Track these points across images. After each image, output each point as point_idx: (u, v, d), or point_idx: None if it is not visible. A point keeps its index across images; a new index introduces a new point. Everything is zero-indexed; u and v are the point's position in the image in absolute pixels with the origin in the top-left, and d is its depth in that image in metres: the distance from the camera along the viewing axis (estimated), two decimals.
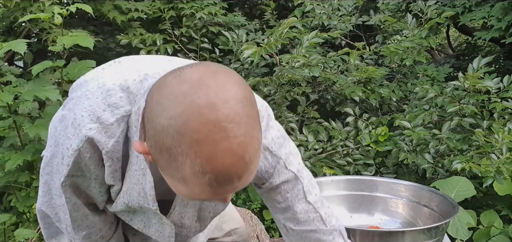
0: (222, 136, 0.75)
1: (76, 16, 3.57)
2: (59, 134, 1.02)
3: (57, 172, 1.05)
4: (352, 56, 2.90)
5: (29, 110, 2.57)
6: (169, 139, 0.76)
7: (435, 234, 1.31)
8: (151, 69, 0.97)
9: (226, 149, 0.75)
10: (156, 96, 0.79)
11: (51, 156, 1.06)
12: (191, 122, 0.74)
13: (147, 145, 0.83)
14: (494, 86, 2.49)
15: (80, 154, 0.95)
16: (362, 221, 1.63)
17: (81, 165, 0.98)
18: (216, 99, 0.75)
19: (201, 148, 0.75)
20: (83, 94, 0.98)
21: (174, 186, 0.84)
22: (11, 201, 2.67)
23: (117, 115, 0.94)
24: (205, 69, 0.79)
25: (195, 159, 0.75)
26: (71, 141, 0.95)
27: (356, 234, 1.29)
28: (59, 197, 1.08)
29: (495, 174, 2.16)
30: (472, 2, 3.61)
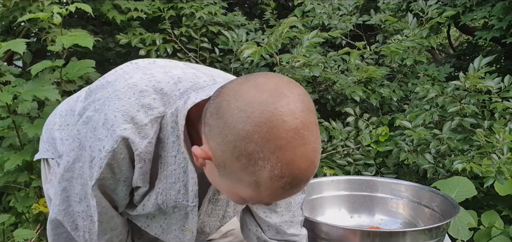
0: (301, 142, 0.81)
1: (75, 15, 3.56)
2: (85, 136, 1.00)
3: (80, 177, 1.03)
4: (353, 56, 2.89)
5: (28, 110, 2.56)
6: (253, 145, 0.80)
7: (436, 235, 1.30)
8: (181, 73, 1.01)
9: (302, 155, 0.81)
10: (235, 103, 0.82)
11: (74, 161, 1.03)
12: (276, 129, 0.79)
13: (212, 149, 0.86)
14: (495, 86, 2.48)
15: (114, 155, 0.95)
16: (362, 221, 1.62)
17: (114, 167, 0.98)
18: (294, 108, 0.81)
19: (283, 153, 0.80)
20: (112, 94, 0.98)
21: (234, 189, 0.88)
22: (10, 201, 2.66)
23: (151, 116, 0.95)
24: (277, 80, 0.85)
25: (276, 164, 0.80)
26: (103, 142, 0.95)
27: (356, 234, 1.29)
28: (78, 203, 1.07)
29: (496, 174, 2.15)
30: (473, 2, 3.61)
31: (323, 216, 1.60)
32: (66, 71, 2.58)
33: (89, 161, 1.00)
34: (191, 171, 1.00)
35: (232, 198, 0.93)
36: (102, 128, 0.96)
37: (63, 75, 2.59)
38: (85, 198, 1.06)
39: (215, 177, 0.90)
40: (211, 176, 0.93)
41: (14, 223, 2.62)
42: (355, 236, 1.28)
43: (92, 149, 0.98)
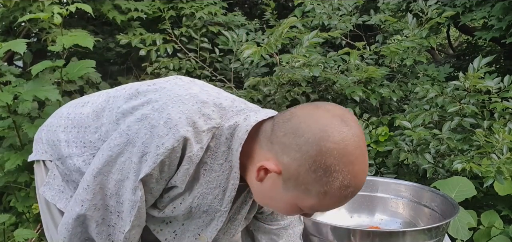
0: (364, 159, 0.99)
1: (75, 16, 3.57)
2: (137, 133, 1.03)
3: (118, 172, 1.07)
4: (352, 56, 2.90)
5: (28, 110, 2.56)
6: (332, 159, 0.96)
7: (436, 234, 1.30)
8: (230, 95, 1.14)
9: (364, 169, 1.00)
10: (314, 125, 0.98)
11: (117, 155, 1.06)
12: (350, 147, 0.96)
13: (284, 164, 1.00)
14: (494, 86, 2.48)
15: (172, 153, 1.01)
16: (362, 221, 1.63)
17: (165, 165, 1.03)
18: (358, 132, 0.99)
19: (353, 167, 0.97)
20: (175, 98, 1.04)
21: (296, 200, 1.02)
22: (10, 201, 2.67)
23: (209, 125, 1.05)
24: (338, 107, 1.02)
25: (347, 175, 0.97)
26: (163, 139, 1.00)
27: (356, 234, 1.29)
28: (109, 198, 1.09)
29: (495, 174, 2.16)
30: (473, 2, 3.61)
31: (323, 216, 1.61)
32: (66, 72, 2.58)
33: (139, 156, 1.03)
34: (233, 178, 1.09)
35: (285, 208, 1.06)
36: (163, 126, 1.01)
37: (63, 75, 2.59)
38: (116, 194, 1.09)
39: (277, 190, 1.02)
40: (271, 190, 1.04)
41: (15, 223, 2.62)
42: (355, 236, 1.28)
43: (146, 145, 1.02)
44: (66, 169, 1.20)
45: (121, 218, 1.10)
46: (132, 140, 1.04)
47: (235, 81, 3.37)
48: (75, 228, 1.13)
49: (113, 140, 1.07)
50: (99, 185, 1.08)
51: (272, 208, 1.11)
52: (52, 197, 1.22)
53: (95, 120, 1.18)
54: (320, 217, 1.59)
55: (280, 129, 1.01)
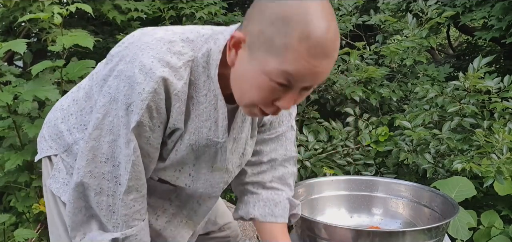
0: (326, 14, 0.95)
1: (75, 16, 3.57)
2: (117, 88, 1.05)
3: (109, 133, 1.08)
4: (352, 56, 2.90)
5: (28, 110, 2.56)
6: (290, 9, 0.94)
7: (436, 234, 1.30)
8: (194, 27, 1.13)
9: (330, 26, 0.95)
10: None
11: (103, 116, 1.08)
12: (310, 2, 0.94)
13: (249, 32, 0.99)
14: (494, 86, 2.48)
15: (154, 97, 1.03)
16: (362, 221, 1.63)
17: (153, 110, 1.04)
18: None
19: (312, 18, 0.93)
20: (144, 46, 1.05)
21: (261, 67, 0.98)
22: (10, 201, 2.67)
23: (183, 60, 1.06)
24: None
25: (306, 26, 0.93)
26: (142, 85, 1.02)
27: (356, 234, 1.29)
28: (104, 164, 1.10)
29: (495, 174, 2.16)
30: (473, 2, 3.61)
31: (323, 216, 1.61)
32: (66, 72, 2.58)
33: (124, 109, 1.05)
34: (220, 107, 1.11)
35: (258, 87, 1.00)
36: (139, 73, 1.02)
37: (63, 75, 2.59)
38: (111, 157, 1.10)
39: (245, 64, 1.01)
40: (241, 67, 1.02)
41: (15, 223, 2.62)
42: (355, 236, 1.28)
43: (128, 96, 1.04)
44: (73, 159, 1.22)
45: (119, 183, 1.11)
46: (114, 97, 1.06)
47: None
48: (76, 201, 1.14)
49: (97, 103, 1.09)
50: (91, 151, 1.10)
51: (248, 97, 1.03)
52: (57, 190, 1.24)
53: (87, 100, 1.20)
54: (320, 217, 1.59)
55: (245, 17, 1.03)
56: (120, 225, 1.13)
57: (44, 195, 1.33)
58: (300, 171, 2.65)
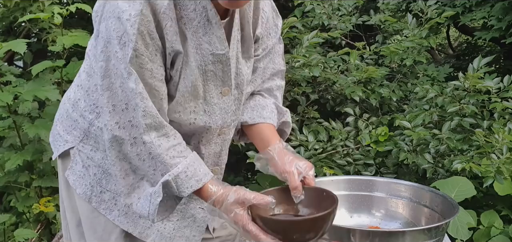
0: None
1: (75, 16, 3.56)
2: (106, 28, 1.04)
3: (118, 77, 1.04)
4: (352, 56, 2.90)
5: (29, 110, 2.57)
6: None
7: (435, 234, 1.30)
8: None
9: None
10: None
11: (106, 61, 1.05)
12: None
13: None
14: (494, 86, 2.49)
15: (143, 18, 1.01)
16: (362, 221, 1.63)
17: (145, 35, 1.02)
18: None
19: None
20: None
21: None
22: (10, 201, 2.67)
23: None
24: None
25: None
26: (128, 11, 1.00)
27: (356, 234, 1.29)
28: (126, 110, 1.06)
29: (495, 174, 2.16)
30: (472, 2, 3.61)
31: None
32: (66, 72, 2.59)
33: (118, 43, 1.02)
34: (212, 16, 1.08)
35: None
36: (121, 2, 1.01)
37: (63, 75, 2.59)
38: (123, 102, 1.06)
39: None
40: None
41: (15, 223, 2.63)
42: (355, 236, 1.29)
43: (118, 29, 1.02)
44: (89, 149, 1.21)
45: (133, 125, 1.08)
46: (107, 39, 1.04)
47: None
48: (118, 162, 1.10)
49: (96, 52, 1.08)
50: (109, 101, 1.07)
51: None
52: (73, 182, 1.24)
53: (90, 79, 1.20)
54: None
55: None
56: (161, 167, 1.08)
57: (60, 193, 1.34)
58: None
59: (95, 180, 1.22)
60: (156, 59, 1.06)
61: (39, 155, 2.50)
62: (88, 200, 1.23)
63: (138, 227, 1.22)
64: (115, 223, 1.22)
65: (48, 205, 2.47)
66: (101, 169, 1.22)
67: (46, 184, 2.55)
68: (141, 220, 1.22)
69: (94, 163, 1.22)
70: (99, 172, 1.22)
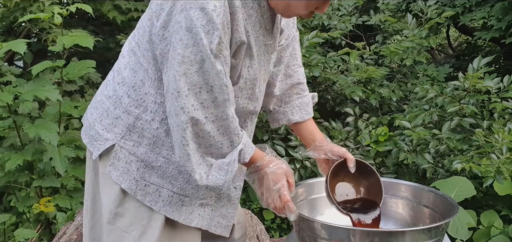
0: None
1: (76, 16, 3.57)
2: (187, 18, 1.10)
3: (194, 63, 1.12)
4: (352, 56, 2.90)
5: (29, 110, 2.57)
6: None
7: (435, 234, 1.31)
8: None
9: None
10: None
11: (184, 49, 1.11)
12: None
13: None
14: (494, 86, 2.49)
15: (225, 9, 1.11)
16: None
17: (225, 24, 1.12)
18: None
19: None
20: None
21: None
22: (11, 201, 2.67)
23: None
24: None
25: None
26: (213, 2, 1.09)
27: (356, 234, 1.29)
28: (199, 93, 1.14)
29: (495, 174, 2.16)
30: (472, 2, 3.61)
31: (323, 216, 1.61)
32: (66, 72, 2.59)
33: (203, 31, 1.10)
34: (264, 12, 1.23)
35: (302, 6, 1.18)
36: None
37: (63, 75, 2.59)
38: (205, 84, 1.14)
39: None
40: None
41: (15, 223, 2.63)
42: (355, 236, 1.29)
43: (201, 18, 1.10)
44: (131, 144, 1.25)
45: (218, 104, 1.16)
46: (188, 27, 1.11)
47: None
48: (190, 143, 1.16)
49: (170, 42, 1.14)
50: (186, 85, 1.13)
51: (293, 11, 1.22)
52: (117, 177, 1.27)
53: (136, 75, 1.26)
54: (320, 217, 1.59)
55: None
56: (235, 139, 1.20)
57: (90, 190, 1.36)
58: (300, 171, 2.65)
59: (139, 174, 1.27)
60: (228, 48, 1.16)
61: (39, 155, 2.50)
62: (134, 193, 1.27)
63: (183, 214, 1.30)
64: (160, 213, 1.28)
65: (48, 205, 2.47)
66: (144, 163, 1.27)
67: (46, 184, 2.55)
68: (184, 207, 1.29)
69: (136, 158, 1.26)
70: (142, 166, 1.27)
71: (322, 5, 1.20)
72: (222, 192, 1.33)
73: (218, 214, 1.36)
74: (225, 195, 1.36)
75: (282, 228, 3.01)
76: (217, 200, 1.36)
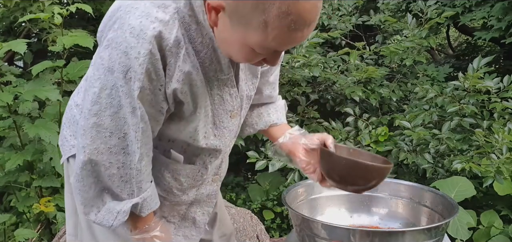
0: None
1: (76, 16, 3.57)
2: (110, 58, 1.02)
3: (109, 107, 1.05)
4: (352, 56, 2.90)
5: (29, 110, 2.57)
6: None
7: (435, 234, 1.31)
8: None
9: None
10: None
11: (100, 90, 1.04)
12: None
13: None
14: (494, 86, 2.49)
15: (152, 57, 1.01)
16: (362, 221, 1.63)
17: (151, 71, 1.02)
18: None
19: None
20: (128, 8, 1.03)
21: (245, 38, 0.98)
22: (11, 201, 2.67)
23: (169, 13, 1.03)
24: None
25: (283, 1, 0.91)
26: (137, 48, 1.00)
27: (356, 234, 1.29)
28: (109, 138, 1.07)
29: (495, 174, 2.16)
30: (472, 2, 3.61)
31: (323, 215, 1.61)
32: (66, 72, 2.59)
33: (122, 78, 1.02)
34: (217, 47, 1.09)
35: (244, 53, 1.03)
36: (130, 37, 1.00)
37: (63, 75, 2.59)
38: (116, 130, 1.07)
39: (227, 31, 1.00)
40: (224, 32, 1.02)
41: (15, 223, 2.63)
42: (355, 235, 1.29)
43: (124, 63, 1.01)
44: None
45: (128, 153, 1.09)
46: (109, 67, 1.03)
47: None
48: (86, 178, 1.11)
49: (91, 77, 1.07)
50: (94, 127, 1.07)
51: (233, 56, 1.08)
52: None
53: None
54: (320, 217, 1.59)
55: None
56: (136, 191, 1.12)
57: (65, 195, 1.33)
58: (300, 171, 2.65)
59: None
60: (158, 93, 1.07)
61: (39, 155, 2.50)
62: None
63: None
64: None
65: (48, 205, 2.47)
66: None
67: (46, 184, 2.55)
68: None
69: None
70: None
71: (270, 58, 1.06)
72: (187, 214, 1.32)
73: (181, 233, 1.33)
74: (190, 217, 1.34)
75: (282, 228, 3.01)
76: (181, 220, 1.33)
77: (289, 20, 0.93)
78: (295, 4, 0.92)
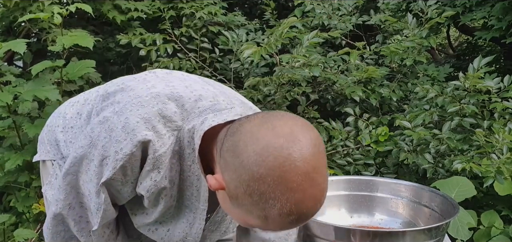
0: (310, 184, 0.88)
1: (75, 16, 3.56)
2: (98, 136, 1.03)
3: (85, 172, 1.07)
4: (352, 56, 2.90)
5: (28, 110, 2.57)
6: (266, 186, 0.87)
7: (436, 235, 1.30)
8: (201, 90, 1.07)
9: (311, 195, 0.88)
10: (252, 146, 0.88)
11: (82, 157, 1.06)
12: (288, 173, 0.86)
13: (226, 181, 0.93)
14: (494, 86, 2.48)
15: (131, 158, 1.00)
16: (362, 221, 1.62)
17: (127, 169, 1.02)
18: (307, 153, 0.87)
19: (293, 194, 0.87)
20: (135, 100, 1.02)
21: (244, 218, 0.95)
22: (10, 201, 2.67)
23: (169, 128, 1.02)
24: (293, 123, 0.91)
25: (285, 204, 0.87)
26: (121, 144, 1.00)
27: (356, 234, 1.29)
28: (82, 196, 1.10)
29: (495, 174, 2.16)
30: (473, 2, 3.61)
31: (323, 216, 1.60)
32: (66, 72, 2.59)
33: (99, 160, 1.03)
34: (202, 179, 1.07)
35: (241, 223, 1.00)
36: (121, 130, 1.00)
37: (63, 75, 2.59)
38: (87, 194, 1.10)
39: (226, 203, 0.97)
40: (222, 201, 0.99)
41: (15, 223, 2.62)
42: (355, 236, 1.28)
43: (105, 149, 1.02)
44: None
45: (88, 220, 1.13)
46: (94, 142, 1.04)
47: (235, 81, 3.37)
48: (55, 227, 1.14)
49: (79, 141, 1.08)
50: (69, 185, 1.10)
51: (237, 222, 1.08)
52: (52, 196, 1.21)
53: (89, 121, 1.18)
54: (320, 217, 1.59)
55: (227, 141, 0.94)
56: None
57: (44, 198, 1.32)
58: None
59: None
60: (129, 185, 1.07)
61: None
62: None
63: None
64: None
65: None
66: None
67: None
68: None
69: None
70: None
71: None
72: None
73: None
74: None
75: None
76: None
77: (291, 218, 0.90)
78: (298, 205, 0.88)
